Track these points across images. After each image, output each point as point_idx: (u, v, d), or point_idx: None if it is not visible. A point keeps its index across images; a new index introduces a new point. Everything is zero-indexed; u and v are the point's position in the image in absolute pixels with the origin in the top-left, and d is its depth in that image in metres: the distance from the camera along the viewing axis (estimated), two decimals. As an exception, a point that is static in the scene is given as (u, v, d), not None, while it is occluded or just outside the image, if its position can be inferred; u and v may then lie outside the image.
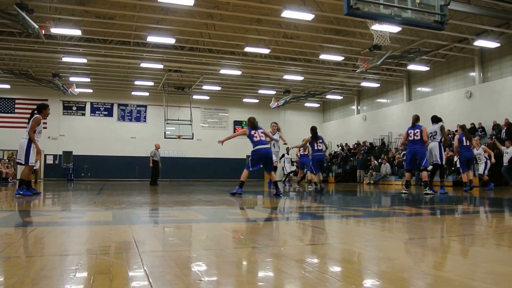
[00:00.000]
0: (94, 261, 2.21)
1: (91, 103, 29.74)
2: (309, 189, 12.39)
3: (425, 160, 9.69)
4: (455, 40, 19.15)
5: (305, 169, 14.07)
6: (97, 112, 29.91)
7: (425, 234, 3.62)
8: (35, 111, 8.38)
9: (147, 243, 2.93)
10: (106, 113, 30.05)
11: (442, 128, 10.17)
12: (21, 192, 8.07)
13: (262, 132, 8.83)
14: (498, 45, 18.24)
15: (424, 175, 9.88)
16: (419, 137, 9.63)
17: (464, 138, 11.34)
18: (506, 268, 2.14)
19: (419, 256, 2.57)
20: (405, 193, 9.74)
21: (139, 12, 16.19)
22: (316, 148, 11.58)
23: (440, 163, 10.20)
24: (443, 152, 10.48)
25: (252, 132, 8.74)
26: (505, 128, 16.97)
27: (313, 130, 11.69)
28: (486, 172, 12.97)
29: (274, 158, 10.68)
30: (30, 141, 8.11)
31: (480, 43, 18.21)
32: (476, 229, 4.07)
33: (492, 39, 18.01)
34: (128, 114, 30.40)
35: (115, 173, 28.09)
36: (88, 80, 25.86)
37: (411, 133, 9.78)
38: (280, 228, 4.13)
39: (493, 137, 16.19)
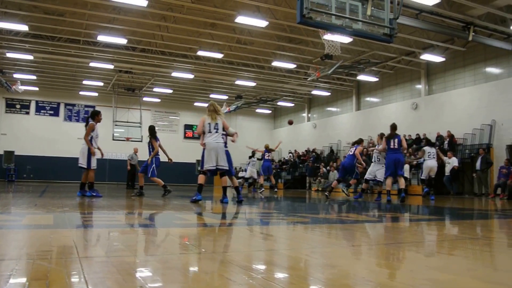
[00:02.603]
0: (31, 266, 2.09)
1: (37, 101, 28.45)
2: (260, 193, 12.57)
3: (403, 168, 10.32)
4: (403, 53, 20.00)
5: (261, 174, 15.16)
6: (42, 111, 28.62)
7: (369, 241, 3.71)
8: (89, 118, 9.32)
9: (89, 248, 2.81)
10: (52, 112, 28.83)
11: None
12: (93, 194, 9.00)
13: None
14: (443, 59, 19.23)
15: (401, 181, 10.26)
16: (397, 146, 10.00)
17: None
18: (444, 276, 2.22)
19: (363, 263, 2.63)
20: (388, 200, 9.99)
21: (90, 10, 15.68)
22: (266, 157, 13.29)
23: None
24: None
25: None
26: (447, 139, 17.81)
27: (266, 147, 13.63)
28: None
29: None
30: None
31: (426, 57, 19.11)
32: (419, 236, 4.23)
33: (437, 53, 18.96)
34: (76, 114, 29.30)
35: (60, 175, 26.89)
36: (34, 77, 24.73)
37: (391, 142, 10.10)
38: (227, 234, 4.10)
39: (437, 147, 16.96)
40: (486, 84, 18.13)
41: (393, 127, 10.20)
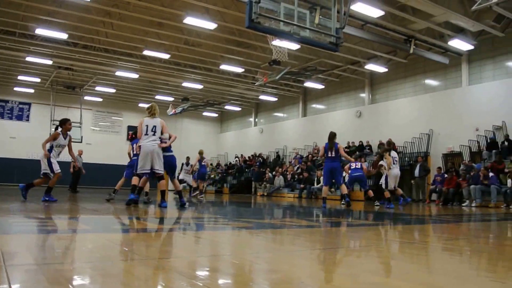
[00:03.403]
0: None
1: (-36, 96, 26.50)
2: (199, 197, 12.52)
3: (341, 176, 10.55)
4: (348, 62, 20.60)
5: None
6: (-30, 106, 26.69)
7: (311, 246, 3.74)
8: (58, 126, 8.69)
9: (17, 255, 2.61)
10: (-19, 108, 26.96)
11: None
12: (46, 198, 8.20)
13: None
14: (385, 70, 20.01)
15: (343, 188, 10.50)
16: (334, 155, 10.14)
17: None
18: (379, 279, 2.29)
19: (305, 267, 2.63)
20: (349, 202, 10.20)
21: (28, 1, 14.83)
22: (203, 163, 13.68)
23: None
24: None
25: None
26: (387, 147, 18.48)
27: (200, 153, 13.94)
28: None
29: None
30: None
31: (370, 67, 19.79)
32: (359, 241, 4.32)
33: (381, 64, 19.72)
34: (8, 112, 27.52)
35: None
36: (-38, 71, 23.03)
37: (328, 150, 10.22)
38: (168, 239, 3.98)
39: (378, 155, 17.53)
40: (425, 95, 19.07)
41: (331, 136, 10.35)
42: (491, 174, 13.50)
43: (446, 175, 15.16)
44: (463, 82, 17.57)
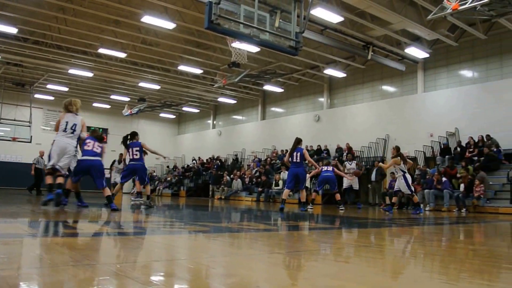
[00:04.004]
0: None
1: None
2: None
3: (305, 181, 10.64)
4: (308, 66, 20.88)
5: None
6: None
7: (269, 250, 3.69)
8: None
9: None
10: None
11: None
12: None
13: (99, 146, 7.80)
14: (344, 75, 20.44)
15: (303, 194, 10.59)
16: (299, 160, 10.18)
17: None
18: (335, 282, 2.29)
19: (261, 272, 2.60)
20: (281, 208, 10.10)
21: (-27, -8, 14.05)
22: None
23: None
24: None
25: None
26: (346, 152, 18.76)
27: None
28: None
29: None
30: None
31: (329, 71, 20.14)
32: (316, 245, 4.32)
33: (339, 69, 20.11)
34: (-50, 109, 25.94)
35: None
36: None
37: (294, 155, 10.24)
38: (120, 243, 3.82)
39: (336, 159, 17.81)
40: (382, 101, 19.63)
41: (297, 141, 10.45)
42: (444, 179, 13.98)
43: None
44: (418, 89, 18.23)
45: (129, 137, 9.23)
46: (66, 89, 25.66)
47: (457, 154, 15.51)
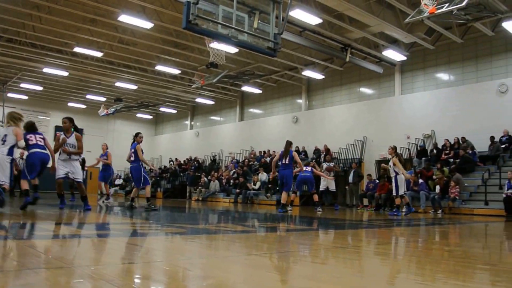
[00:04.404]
0: None
1: None
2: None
3: (291, 183, 10.80)
4: (286, 67, 20.92)
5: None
6: None
7: (247, 251, 3.68)
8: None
9: None
10: None
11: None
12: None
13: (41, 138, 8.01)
14: (322, 77, 20.54)
15: (284, 197, 10.62)
16: (288, 162, 10.32)
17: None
18: (311, 283, 2.29)
19: (239, 273, 2.59)
20: (287, 210, 10.34)
21: None
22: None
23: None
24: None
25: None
26: (323, 153, 18.90)
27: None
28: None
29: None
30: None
31: (308, 73, 20.22)
32: (294, 246, 4.32)
33: (317, 71, 20.21)
34: None
35: None
36: None
37: (283, 157, 10.40)
38: (96, 246, 3.74)
39: (313, 160, 17.89)
40: (360, 103, 19.81)
41: (289, 143, 10.57)
42: (420, 180, 14.19)
43: (378, 181, 15.73)
44: (396, 91, 18.47)
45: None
46: (40, 88, 25.09)
47: (433, 156, 15.75)
